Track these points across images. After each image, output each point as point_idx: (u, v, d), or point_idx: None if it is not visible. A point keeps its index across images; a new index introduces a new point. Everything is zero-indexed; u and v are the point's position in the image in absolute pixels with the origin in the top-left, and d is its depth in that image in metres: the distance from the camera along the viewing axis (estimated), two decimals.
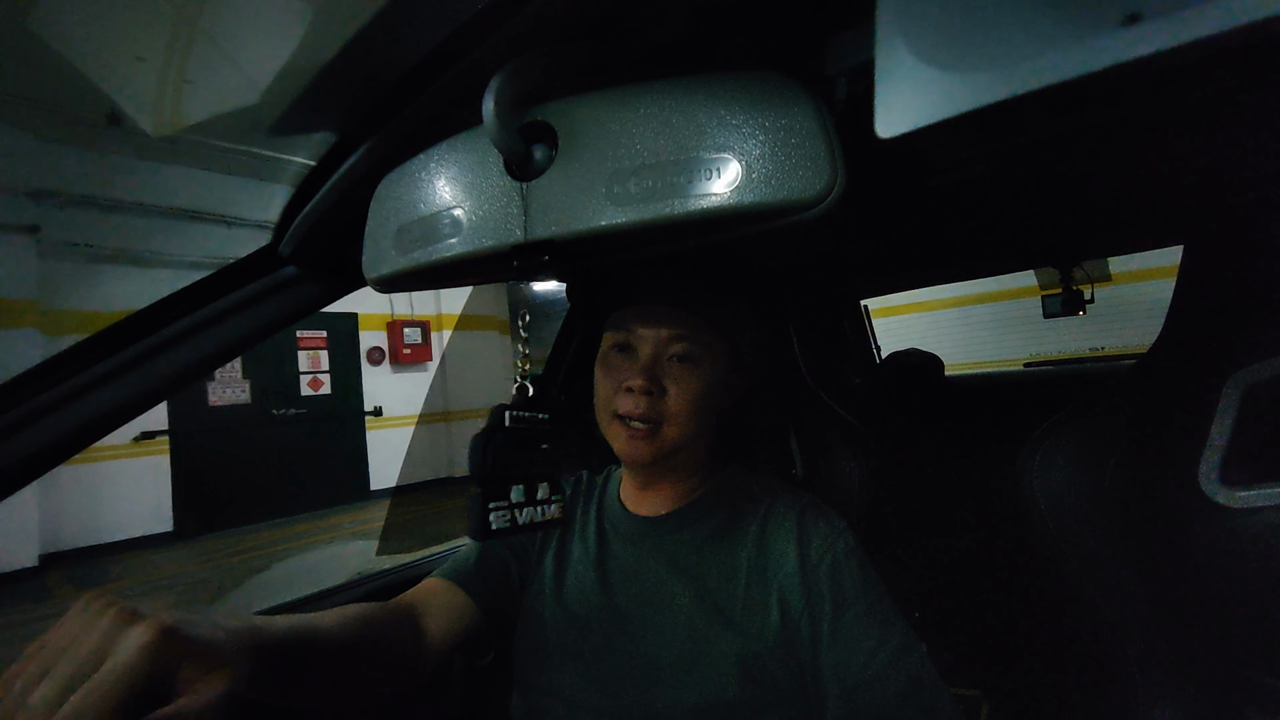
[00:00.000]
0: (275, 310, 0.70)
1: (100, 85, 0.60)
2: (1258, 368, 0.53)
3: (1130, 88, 0.33)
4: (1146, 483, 0.59)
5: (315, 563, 4.47)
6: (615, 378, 0.65)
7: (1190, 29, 0.20)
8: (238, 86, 0.54)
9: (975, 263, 1.44)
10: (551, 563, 0.74)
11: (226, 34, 0.49)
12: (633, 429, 0.63)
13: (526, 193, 0.43)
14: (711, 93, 0.39)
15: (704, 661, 0.60)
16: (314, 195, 0.61)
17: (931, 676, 0.58)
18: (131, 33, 0.53)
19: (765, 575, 0.63)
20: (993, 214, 0.89)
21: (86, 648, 0.33)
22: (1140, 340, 5.14)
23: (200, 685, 0.35)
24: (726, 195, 0.38)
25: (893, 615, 0.61)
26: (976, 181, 0.68)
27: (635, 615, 0.65)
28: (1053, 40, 0.23)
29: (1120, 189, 0.80)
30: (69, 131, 4.13)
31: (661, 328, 0.65)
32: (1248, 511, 0.51)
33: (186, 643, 0.35)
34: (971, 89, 0.24)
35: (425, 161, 0.48)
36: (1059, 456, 0.64)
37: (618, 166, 0.40)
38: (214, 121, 0.66)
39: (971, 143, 0.46)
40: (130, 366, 0.61)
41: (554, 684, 0.65)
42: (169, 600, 3.69)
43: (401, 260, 0.50)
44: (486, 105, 0.39)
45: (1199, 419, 0.55)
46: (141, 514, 4.99)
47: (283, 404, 5.92)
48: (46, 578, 4.26)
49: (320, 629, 0.51)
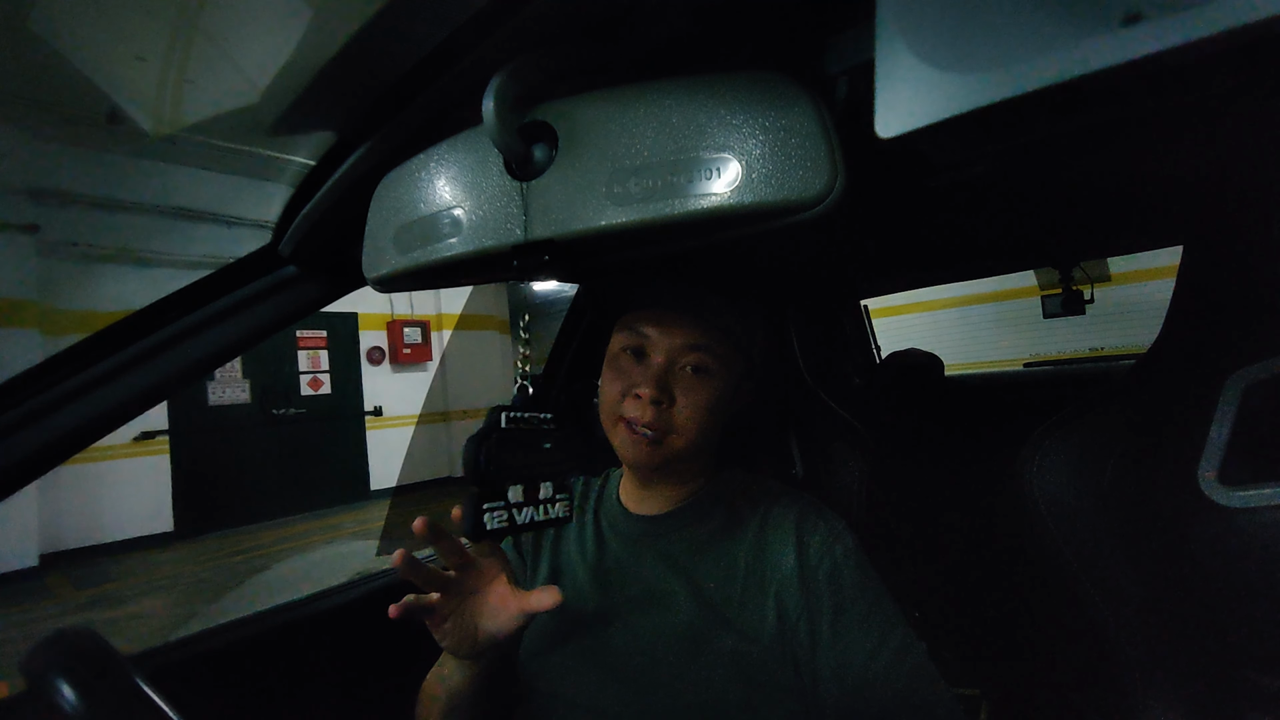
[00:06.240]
0: (275, 310, 0.70)
1: (100, 85, 0.60)
2: (1257, 368, 0.53)
3: (1130, 88, 0.33)
4: (1146, 483, 0.59)
5: (315, 563, 4.47)
6: (625, 381, 0.65)
7: (1190, 29, 0.20)
8: (238, 86, 0.54)
9: (975, 263, 1.43)
10: (549, 563, 0.74)
11: (226, 34, 0.49)
12: (638, 435, 0.63)
13: (526, 193, 0.43)
14: (711, 93, 0.39)
15: (701, 661, 0.60)
16: (314, 195, 0.61)
17: (932, 676, 0.58)
18: (131, 33, 0.53)
19: (762, 576, 0.63)
20: (993, 214, 0.89)
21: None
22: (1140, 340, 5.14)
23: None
24: (726, 195, 0.37)
25: (893, 615, 0.61)
26: (976, 181, 0.67)
27: (632, 615, 0.65)
28: (1053, 40, 0.23)
29: (1120, 189, 0.80)
30: (69, 131, 4.13)
31: (677, 336, 0.64)
32: (1248, 511, 0.51)
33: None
34: (971, 89, 0.24)
35: (425, 161, 0.48)
36: (1059, 456, 0.64)
37: (618, 166, 0.40)
38: (214, 121, 0.66)
39: (971, 143, 0.46)
40: (130, 366, 0.61)
41: (552, 683, 0.65)
42: (169, 600, 3.69)
43: (401, 260, 0.50)
44: (486, 105, 0.39)
45: (1199, 419, 0.55)
46: (141, 514, 4.99)
47: (283, 404, 5.92)
48: (46, 578, 4.26)
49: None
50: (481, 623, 0.59)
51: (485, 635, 0.59)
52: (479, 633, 0.59)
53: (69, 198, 4.55)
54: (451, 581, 0.58)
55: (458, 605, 0.59)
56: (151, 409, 0.64)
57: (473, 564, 0.60)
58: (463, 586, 0.59)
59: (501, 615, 0.59)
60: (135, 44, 0.53)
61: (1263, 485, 0.51)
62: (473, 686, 0.62)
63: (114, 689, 0.40)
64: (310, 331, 6.14)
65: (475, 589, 0.60)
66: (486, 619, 0.59)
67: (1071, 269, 2.20)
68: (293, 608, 0.88)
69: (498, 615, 0.59)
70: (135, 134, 4.08)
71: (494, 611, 0.60)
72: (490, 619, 0.59)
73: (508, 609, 0.59)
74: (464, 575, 0.59)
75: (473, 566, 0.60)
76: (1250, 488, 0.51)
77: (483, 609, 0.60)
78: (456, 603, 0.59)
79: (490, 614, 0.60)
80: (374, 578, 0.97)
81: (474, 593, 0.60)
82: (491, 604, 0.60)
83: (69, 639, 0.42)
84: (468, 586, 0.60)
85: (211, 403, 5.48)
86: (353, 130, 0.54)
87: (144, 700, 0.40)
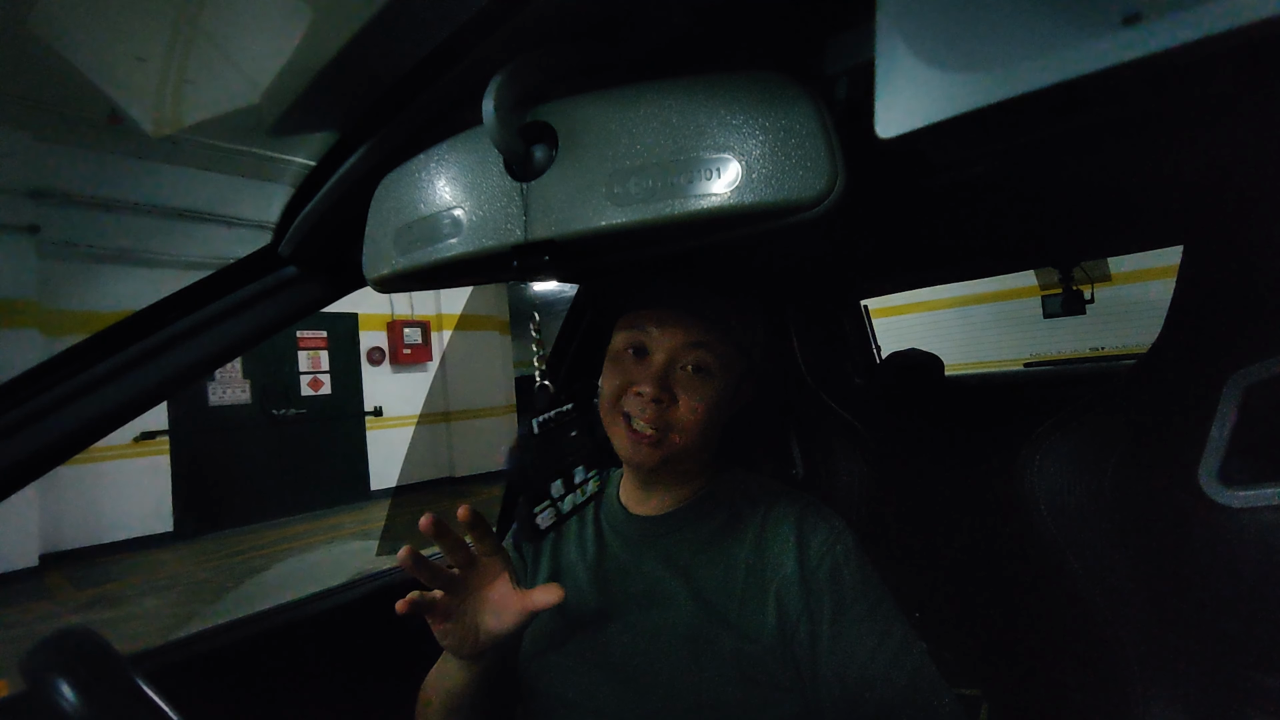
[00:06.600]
0: (275, 310, 0.70)
1: (100, 85, 0.60)
2: (1257, 368, 0.53)
3: (1130, 88, 0.33)
4: (1146, 483, 0.59)
5: (315, 563, 4.47)
6: (626, 378, 0.65)
7: (1190, 29, 0.20)
8: (238, 86, 0.54)
9: (975, 263, 1.44)
10: (549, 563, 0.74)
11: (227, 34, 0.49)
12: (638, 433, 0.63)
13: (526, 193, 0.43)
14: (711, 93, 0.38)
15: (702, 661, 0.60)
16: (314, 195, 0.61)
17: (932, 675, 0.58)
18: (131, 33, 0.53)
19: (763, 577, 0.63)
20: (993, 214, 0.89)
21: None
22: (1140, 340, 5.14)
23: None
24: (726, 195, 0.37)
25: (893, 615, 0.61)
26: (976, 181, 0.68)
27: (633, 615, 0.65)
28: (1053, 40, 0.23)
29: (1120, 189, 0.80)
30: (69, 131, 4.13)
31: (679, 335, 0.65)
32: (1248, 511, 0.51)
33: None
34: (971, 89, 0.24)
35: (425, 162, 0.48)
36: (1059, 456, 0.64)
37: (618, 167, 0.40)
38: (214, 121, 0.66)
39: (971, 143, 0.46)
40: (130, 366, 0.61)
41: (552, 684, 0.65)
42: (169, 600, 3.69)
43: (401, 260, 0.50)
44: (487, 105, 0.39)
45: (1199, 419, 0.55)
46: (141, 514, 4.99)
47: (283, 404, 5.92)
48: (46, 578, 4.26)
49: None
50: (484, 621, 0.60)
51: (487, 634, 0.60)
52: (481, 631, 0.60)
53: (69, 198, 4.55)
54: (455, 579, 0.58)
55: (461, 603, 0.59)
56: (151, 409, 0.64)
57: (476, 562, 0.60)
58: (466, 584, 0.60)
59: (504, 614, 0.60)
60: (135, 44, 0.53)
61: (1263, 485, 0.51)
62: (472, 687, 0.62)
63: (114, 689, 0.40)
64: (310, 332, 6.14)
65: (478, 587, 0.61)
66: (489, 617, 0.60)
67: (1071, 269, 2.20)
68: (293, 608, 0.88)
69: (500, 614, 0.60)
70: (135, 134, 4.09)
71: (496, 610, 0.60)
72: (492, 617, 0.60)
73: (510, 607, 0.59)
74: (468, 573, 0.59)
75: (476, 565, 0.60)
76: (1250, 488, 0.51)
77: (485, 607, 0.60)
78: (460, 600, 0.59)
79: (492, 612, 0.60)
80: (374, 578, 0.97)
81: (477, 591, 0.61)
82: (494, 602, 0.60)
83: (69, 639, 0.42)
84: (471, 585, 0.60)
85: (212, 403, 5.48)
86: (353, 130, 0.54)
87: (144, 700, 0.40)
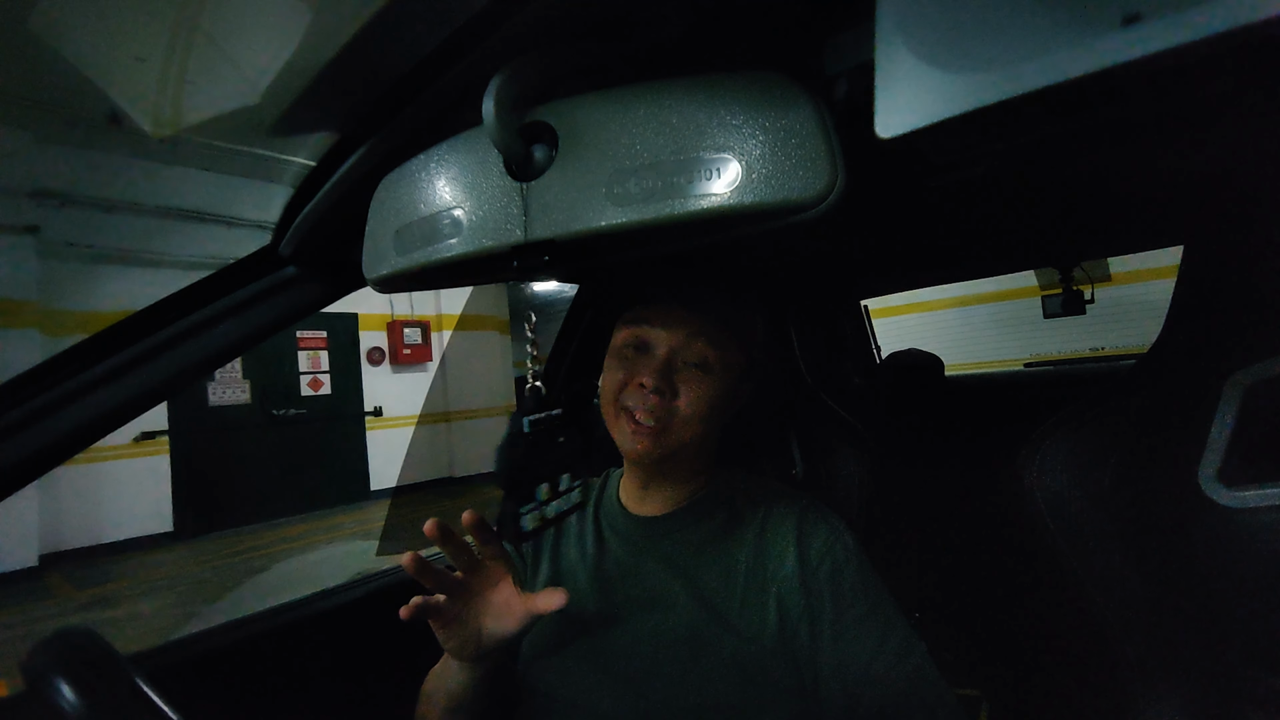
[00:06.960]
0: (275, 310, 0.70)
1: (100, 85, 0.60)
2: (1258, 368, 0.53)
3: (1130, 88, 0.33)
4: (1146, 483, 0.59)
5: (315, 563, 4.47)
6: (627, 372, 0.65)
7: (1190, 29, 0.20)
8: (238, 87, 0.54)
9: (975, 263, 1.44)
10: (549, 565, 0.73)
11: (227, 34, 0.49)
12: (638, 426, 0.63)
13: (527, 193, 0.43)
14: (711, 93, 0.39)
15: (702, 662, 0.60)
16: (314, 195, 0.61)
17: (933, 675, 0.58)
18: (131, 33, 0.53)
19: (763, 577, 0.63)
20: (993, 214, 0.89)
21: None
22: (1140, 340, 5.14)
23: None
24: (726, 195, 0.38)
25: (893, 615, 0.61)
26: (976, 181, 0.68)
27: (633, 616, 0.65)
28: (1053, 40, 0.23)
29: (1120, 189, 0.80)
30: (69, 131, 4.13)
31: (680, 331, 0.65)
32: (1248, 511, 0.51)
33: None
34: (971, 89, 0.24)
35: (425, 162, 0.48)
36: (1059, 456, 0.64)
37: (618, 167, 0.40)
38: (214, 122, 0.66)
39: (971, 143, 0.46)
40: (130, 366, 0.61)
41: (552, 685, 0.65)
42: (169, 600, 3.69)
43: (401, 260, 0.50)
44: (487, 105, 0.39)
45: (1199, 419, 0.55)
46: (141, 514, 4.99)
47: (283, 404, 5.91)
48: (46, 578, 4.26)
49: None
50: (486, 624, 0.60)
51: (489, 637, 0.60)
52: (483, 634, 0.60)
53: (69, 198, 4.55)
54: (459, 583, 0.59)
55: (464, 606, 0.60)
56: (151, 409, 0.64)
57: (480, 566, 0.60)
58: (470, 588, 0.60)
59: (507, 617, 0.60)
60: (135, 44, 0.53)
61: (1263, 485, 0.51)
62: (473, 688, 0.62)
63: (114, 689, 0.40)
64: (310, 332, 6.14)
65: (481, 591, 0.61)
66: (491, 620, 0.60)
67: (1071, 269, 2.20)
68: (293, 608, 0.88)
69: (502, 617, 0.60)
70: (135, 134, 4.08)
71: (499, 613, 0.60)
72: (495, 620, 0.60)
73: (513, 611, 0.60)
74: (471, 577, 0.60)
75: (480, 569, 0.60)
76: (1250, 488, 0.51)
77: (488, 610, 0.60)
78: (463, 604, 0.59)
79: (495, 616, 0.60)
80: (374, 578, 0.97)
81: (480, 594, 0.61)
82: (497, 606, 0.60)
83: (69, 639, 0.42)
84: (474, 588, 0.60)
85: (212, 403, 5.48)
86: (353, 130, 0.54)
87: (144, 700, 0.40)
